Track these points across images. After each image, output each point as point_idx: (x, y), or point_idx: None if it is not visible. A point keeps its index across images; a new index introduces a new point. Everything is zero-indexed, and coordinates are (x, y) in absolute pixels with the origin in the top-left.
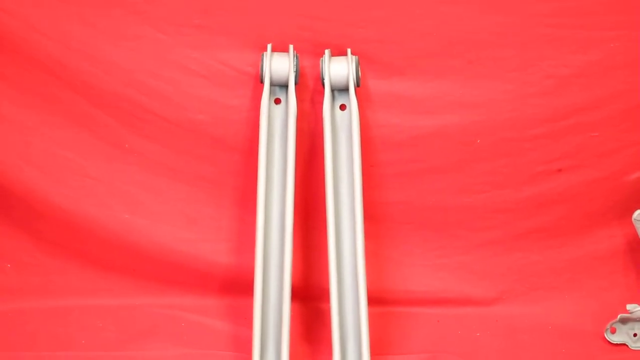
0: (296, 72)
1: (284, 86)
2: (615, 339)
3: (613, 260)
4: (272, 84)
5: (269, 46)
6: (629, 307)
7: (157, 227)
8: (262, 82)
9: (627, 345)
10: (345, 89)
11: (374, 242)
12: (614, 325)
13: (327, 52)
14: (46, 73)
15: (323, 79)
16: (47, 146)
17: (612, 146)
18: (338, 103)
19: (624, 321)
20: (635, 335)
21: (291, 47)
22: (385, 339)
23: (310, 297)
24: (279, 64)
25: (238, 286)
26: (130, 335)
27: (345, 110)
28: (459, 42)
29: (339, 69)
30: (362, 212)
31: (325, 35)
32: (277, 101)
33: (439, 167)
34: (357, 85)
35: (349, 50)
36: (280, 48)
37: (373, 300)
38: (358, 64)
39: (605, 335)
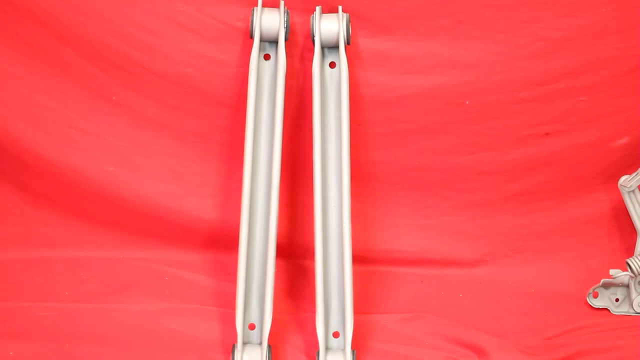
0: (286, 28)
1: (274, 42)
2: (597, 303)
3: (598, 225)
4: (261, 40)
5: (260, 1)
6: (612, 272)
7: (142, 181)
8: (252, 37)
9: (609, 310)
10: (335, 47)
11: (359, 201)
12: (596, 290)
13: (318, 9)
14: (36, 24)
15: (313, 36)
16: (34, 97)
17: (601, 111)
18: (328, 61)
19: (606, 286)
20: (617, 300)
21: (282, 2)
22: (369, 297)
23: (295, 254)
24: (270, 20)
25: (222, 242)
26: (113, 288)
27: (334, 68)
28: (449, 2)
29: (329, 26)
30: (349, 170)
31: None
32: (267, 57)
33: (426, 128)
34: (347, 43)
35: (340, 8)
36: (271, 3)
37: (357, 259)
38: (349, 22)
39: (588, 300)
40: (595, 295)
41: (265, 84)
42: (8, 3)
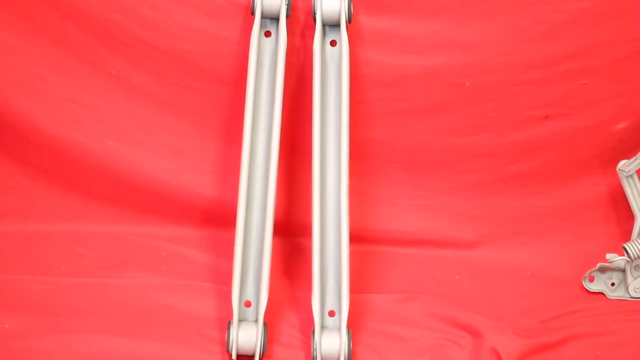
0: (288, 5)
1: (275, 19)
2: (593, 287)
3: (595, 209)
4: (263, 17)
5: None
6: (608, 256)
7: (141, 156)
8: (253, 13)
9: (604, 294)
10: (336, 25)
11: (358, 180)
12: (592, 274)
13: None
14: None
15: (315, 14)
16: (34, 70)
17: (601, 95)
18: (328, 39)
19: (602, 270)
20: (613, 284)
21: None
22: (365, 277)
23: (292, 232)
24: None
25: (219, 218)
26: (110, 262)
27: (335, 46)
28: None
29: (331, 4)
30: (347, 149)
31: None
32: (268, 34)
33: (426, 108)
34: (349, 21)
35: None
36: None
37: (354, 238)
38: (350, 0)
39: (584, 284)
40: (591, 279)
41: (266, 61)
42: None
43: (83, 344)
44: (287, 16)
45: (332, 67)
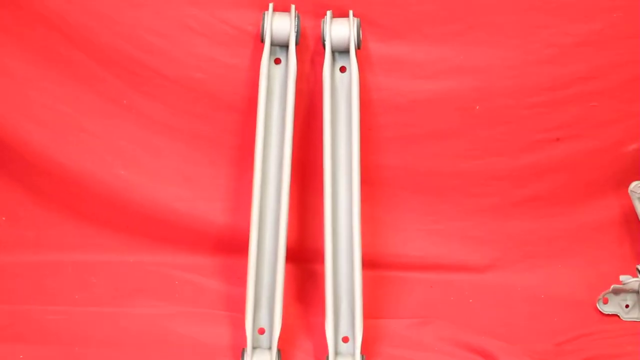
0: (297, 32)
1: (285, 46)
2: (607, 309)
3: (608, 230)
4: (272, 44)
5: (271, 5)
6: (622, 278)
7: (153, 185)
8: (262, 41)
9: (618, 316)
10: (345, 51)
11: (369, 205)
12: (606, 296)
13: (328, 13)
14: (47, 27)
15: (324, 41)
16: (45, 100)
17: (612, 117)
18: (338, 65)
19: (616, 292)
20: (627, 306)
21: (293, 7)
22: (379, 302)
23: (304, 258)
24: (280, 24)
25: (232, 246)
26: (123, 292)
27: (345, 73)
28: (460, 7)
29: (340, 30)
30: (359, 174)
31: None
32: (277, 61)
33: (437, 132)
34: (358, 47)
35: (350, 12)
36: (282, 8)
37: (367, 263)
38: (359, 27)
39: (598, 306)
40: (605, 301)
41: (276, 88)
42: (19, 7)
43: None
44: (297, 43)
45: (342, 93)
